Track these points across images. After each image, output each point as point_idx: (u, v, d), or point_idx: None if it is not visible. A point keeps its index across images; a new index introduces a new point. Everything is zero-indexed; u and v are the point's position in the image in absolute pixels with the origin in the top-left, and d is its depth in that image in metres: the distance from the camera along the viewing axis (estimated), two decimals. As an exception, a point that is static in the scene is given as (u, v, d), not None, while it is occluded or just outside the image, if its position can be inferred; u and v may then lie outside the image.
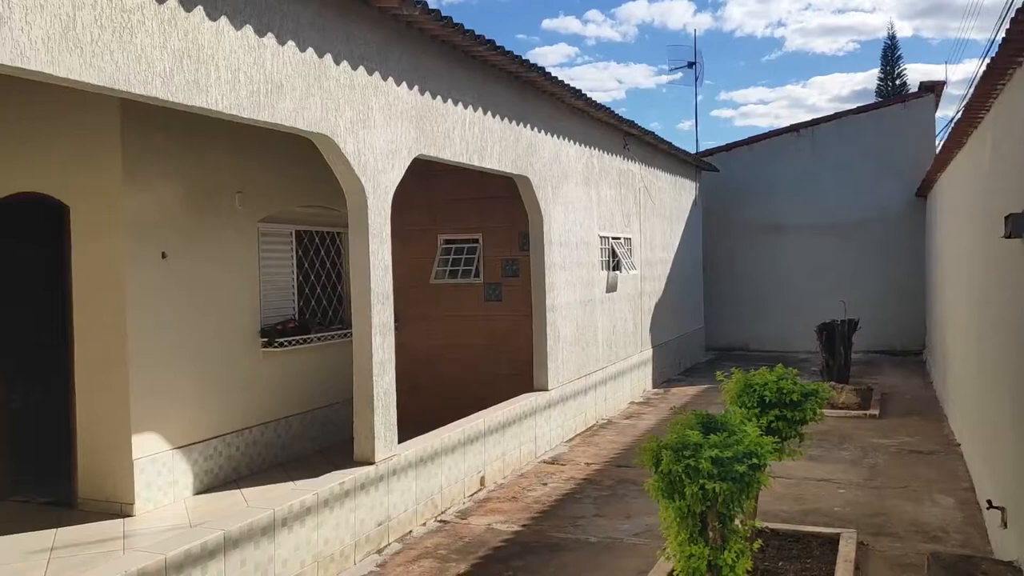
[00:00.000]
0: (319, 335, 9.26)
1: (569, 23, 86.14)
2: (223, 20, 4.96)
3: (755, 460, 4.50)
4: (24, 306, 7.71)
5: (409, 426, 7.33)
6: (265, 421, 8.60)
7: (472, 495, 8.01)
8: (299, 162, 9.06)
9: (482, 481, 8.21)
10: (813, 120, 19.10)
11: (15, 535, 6.54)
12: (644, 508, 7.54)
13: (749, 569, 4.70)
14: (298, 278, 9.30)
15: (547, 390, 9.75)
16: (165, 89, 4.58)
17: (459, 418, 8.29)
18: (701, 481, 4.45)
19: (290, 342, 8.77)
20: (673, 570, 5.00)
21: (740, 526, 4.75)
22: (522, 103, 9.06)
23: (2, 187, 7.42)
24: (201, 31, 4.81)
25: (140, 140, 7.17)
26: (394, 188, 6.77)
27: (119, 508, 7.02)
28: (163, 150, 7.40)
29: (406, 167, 6.94)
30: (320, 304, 9.72)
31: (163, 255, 7.43)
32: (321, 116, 5.87)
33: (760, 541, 5.31)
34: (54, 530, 6.66)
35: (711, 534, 4.62)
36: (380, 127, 6.54)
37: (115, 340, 7.06)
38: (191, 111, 4.97)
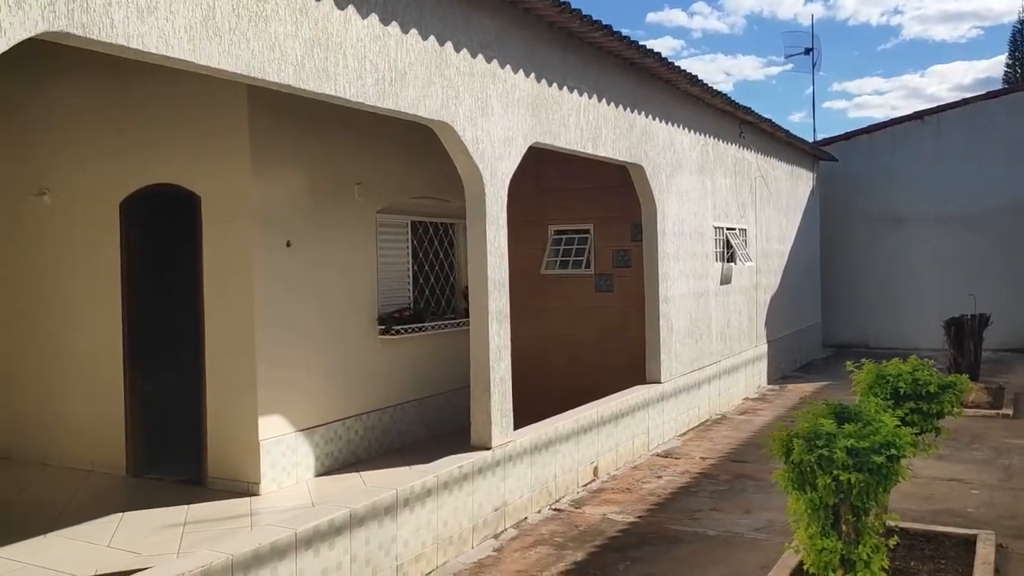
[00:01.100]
0: (433, 324, 9.40)
1: (675, 16, 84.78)
2: (350, 8, 5.06)
3: (893, 451, 4.30)
4: (160, 293, 8.09)
5: (521, 418, 7.32)
6: (382, 407, 8.78)
7: (585, 485, 7.97)
8: (413, 154, 9.22)
9: (595, 472, 8.15)
10: (938, 107, 18.18)
11: (151, 510, 6.88)
12: (764, 504, 7.33)
13: (885, 567, 4.50)
14: (413, 268, 9.45)
15: (660, 383, 9.60)
16: (297, 77, 4.71)
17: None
18: (835, 472, 4.27)
19: (406, 330, 8.93)
20: (802, 564, 4.84)
21: (875, 521, 4.54)
22: (636, 90, 8.94)
23: (140, 179, 7.81)
24: (330, 20, 4.92)
25: (266, 133, 7.41)
26: (511, 175, 6.79)
27: (246, 487, 7.30)
28: (288, 142, 7.64)
29: (522, 155, 6.95)
30: (433, 294, 9.85)
31: (288, 243, 7.67)
32: (442, 104, 5.92)
33: (896, 538, 5.07)
34: (186, 506, 6.97)
35: (844, 528, 4.44)
36: (498, 115, 6.56)
37: (243, 325, 7.33)
38: (319, 99, 5.09)
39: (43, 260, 8.47)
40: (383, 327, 8.77)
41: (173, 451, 7.94)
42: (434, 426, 9.46)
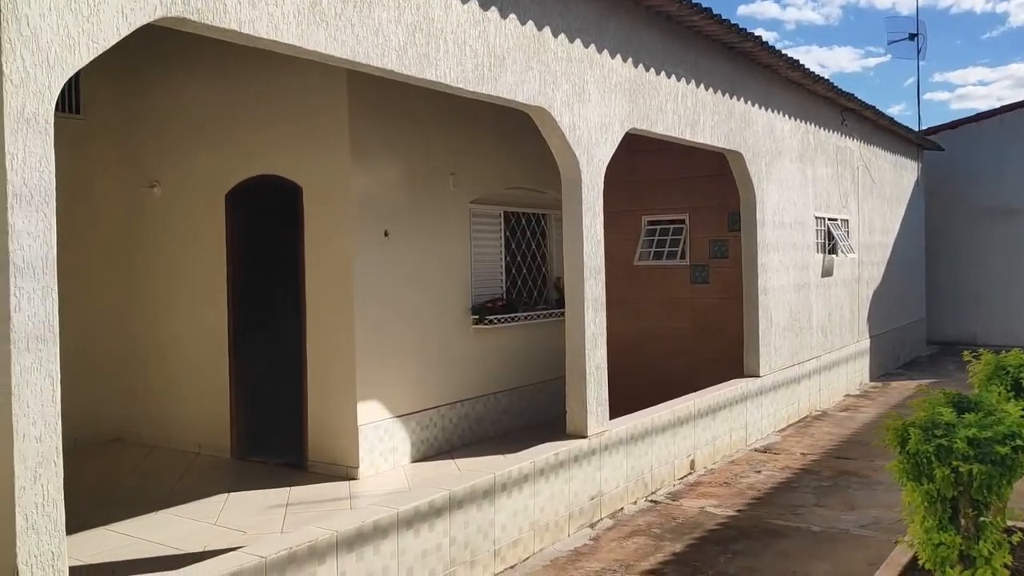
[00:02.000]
0: (525, 314, 9.40)
1: (767, 8, 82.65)
2: (450, -6, 5.09)
3: (1019, 441, 4.06)
4: (262, 282, 8.32)
5: (614, 411, 7.23)
6: (476, 396, 8.83)
7: (682, 478, 7.83)
8: (506, 145, 9.23)
9: (692, 465, 8.01)
10: (1055, 92, 17.20)
11: (254, 491, 7.08)
12: (869, 501, 7.08)
13: (1008, 564, 4.26)
14: (506, 258, 9.47)
15: (758, 376, 9.37)
16: (399, 62, 4.75)
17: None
18: (954, 463, 4.07)
19: (499, 320, 8.96)
20: (915, 560, 4.63)
21: (996, 516, 4.31)
22: (735, 75, 8.74)
23: (245, 169, 8.05)
24: (432, 5, 4.96)
25: (365, 125, 7.53)
26: (607, 162, 6.72)
27: (345, 471, 7.44)
28: (385, 134, 7.75)
29: (619, 141, 6.87)
30: (525, 284, 9.85)
31: (385, 233, 7.78)
32: (539, 89, 5.90)
33: (1020, 535, 4.80)
34: (288, 489, 7.15)
35: (963, 522, 4.23)
36: (595, 100, 6.50)
37: (342, 313, 7.47)
38: (420, 85, 5.14)
39: (153, 249, 8.83)
40: (476, 317, 8.82)
41: (275, 435, 8.15)
42: (526, 416, 9.46)
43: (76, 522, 3.44)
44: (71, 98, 8.59)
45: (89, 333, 8.57)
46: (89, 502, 6.60)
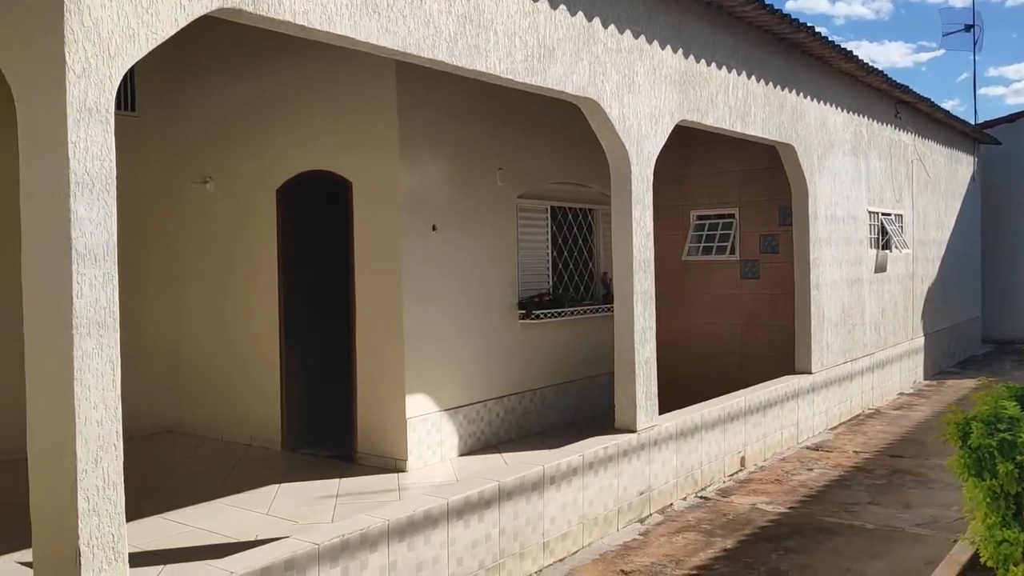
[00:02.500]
0: (571, 309, 9.36)
1: (816, 3, 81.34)
2: (500, -15, 5.08)
3: (1087, 437, 3.94)
4: (313, 275, 8.41)
5: (662, 408, 7.16)
6: (522, 390, 8.82)
7: (732, 475, 7.74)
8: (553, 140, 9.20)
9: (742, 462, 7.91)
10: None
11: (305, 482, 7.16)
12: (925, 499, 6.92)
13: (1075, 563, 4.13)
14: (552, 253, 9.44)
15: (810, 373, 9.22)
16: (449, 53, 4.76)
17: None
18: (1018, 458, 3.96)
19: (545, 315, 8.93)
20: (976, 557, 4.51)
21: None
22: (787, 67, 8.60)
23: (296, 165, 8.13)
24: (481, -5, 4.95)
25: (414, 120, 7.56)
26: (657, 154, 6.66)
27: (393, 464, 7.48)
28: (433, 130, 7.77)
29: (669, 133, 6.80)
30: (572, 280, 9.81)
31: (433, 227, 7.80)
32: (588, 80, 5.86)
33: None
34: (337, 480, 7.21)
35: (1028, 519, 4.11)
36: (644, 91, 6.45)
37: (391, 306, 7.51)
38: (470, 76, 5.14)
39: (205, 244, 8.97)
40: (523, 311, 8.80)
41: (325, 428, 8.23)
42: (572, 412, 9.42)
43: (131, 511, 3.49)
44: (127, 95, 8.77)
45: (143, 327, 8.73)
46: (144, 491, 6.71)
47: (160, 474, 7.55)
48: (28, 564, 3.65)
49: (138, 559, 5.12)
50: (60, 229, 3.15)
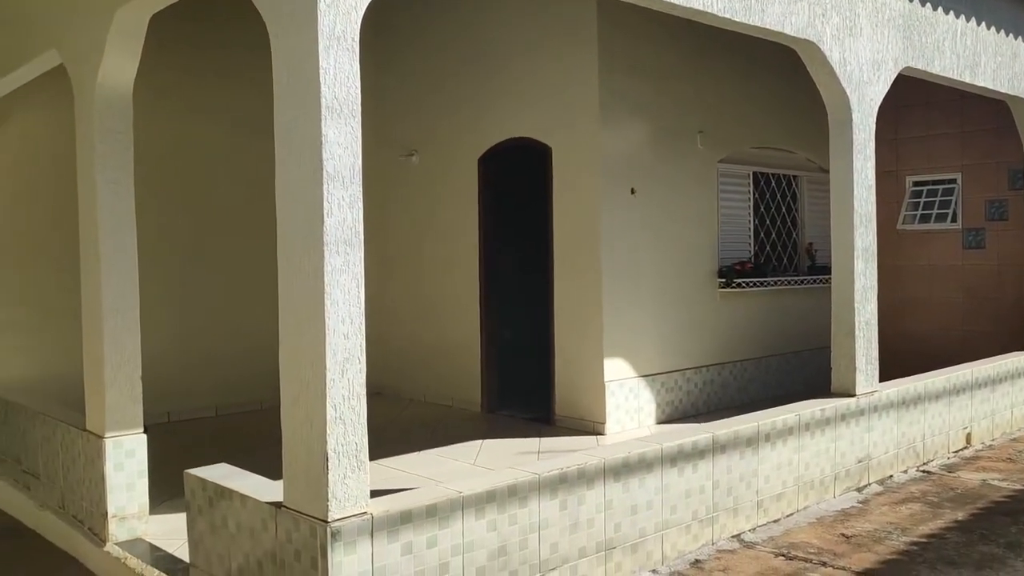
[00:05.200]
0: (774, 279, 9.00)
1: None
2: (718, -79, 4.93)
3: None
4: (512, 241, 8.56)
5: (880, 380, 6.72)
6: (721, 362, 8.58)
7: (957, 451, 7.17)
8: (757, 103, 8.88)
9: (968, 439, 7.31)
10: None
11: (506, 439, 7.32)
12: None
13: None
14: (754, 221, 9.11)
15: (1045, 349, 8.39)
16: (666, -10, 4.67)
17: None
18: None
19: (746, 284, 8.64)
20: None
21: None
22: (1020, 14, 7.85)
23: (497, 133, 8.30)
24: (699, -69, 4.82)
25: (614, 83, 7.51)
26: (879, 102, 6.25)
27: (591, 427, 7.48)
28: (633, 94, 7.68)
29: (891, 81, 6.37)
30: (775, 249, 9.43)
31: (632, 191, 7.73)
32: (807, 22, 5.58)
33: None
34: (537, 439, 7.31)
35: None
36: (866, 35, 6.07)
37: (590, 272, 7.50)
38: (686, 16, 5.02)
39: (411, 216, 9.33)
40: (723, 280, 8.55)
41: (524, 390, 8.36)
42: (774, 387, 9.05)
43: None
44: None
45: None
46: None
47: (375, 428, 7.91)
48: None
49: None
50: (312, 152, 3.33)
